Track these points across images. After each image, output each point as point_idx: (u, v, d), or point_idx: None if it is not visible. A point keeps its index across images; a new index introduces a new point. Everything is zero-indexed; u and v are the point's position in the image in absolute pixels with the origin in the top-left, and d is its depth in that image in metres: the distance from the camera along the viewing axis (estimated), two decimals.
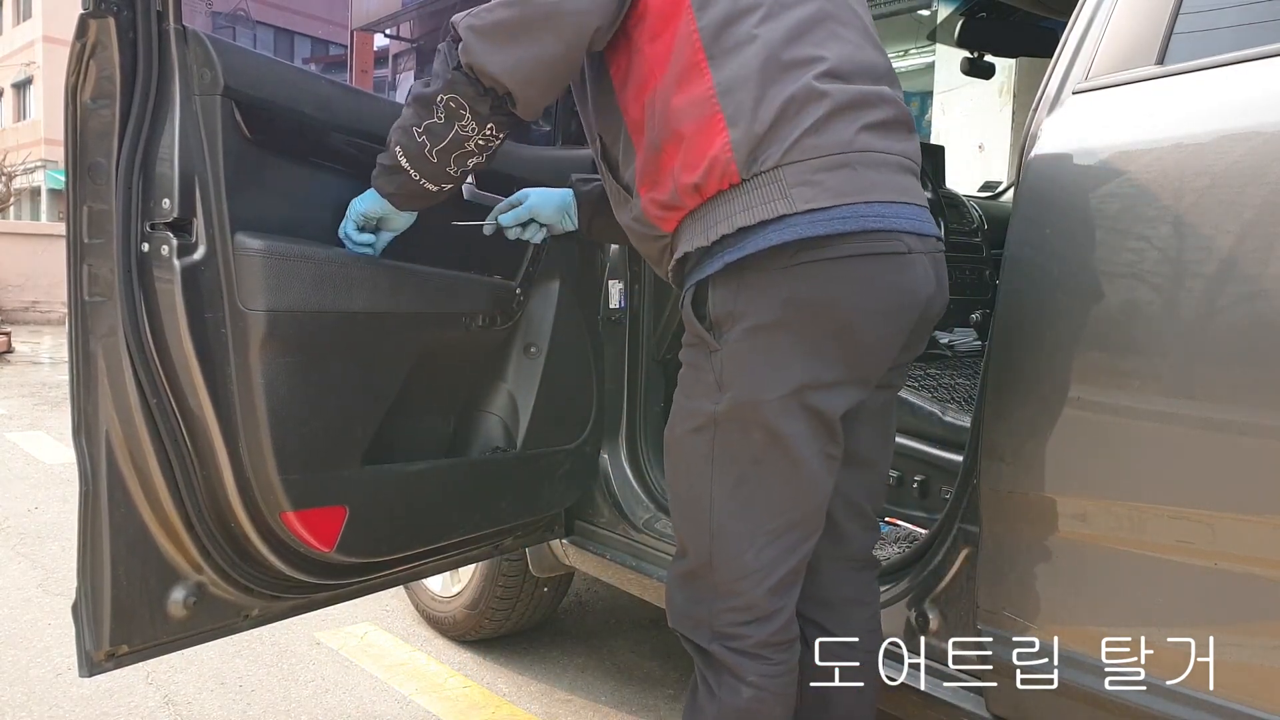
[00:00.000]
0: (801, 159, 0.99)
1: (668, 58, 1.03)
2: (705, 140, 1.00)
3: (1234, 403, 1.00)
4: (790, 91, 0.99)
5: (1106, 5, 1.16)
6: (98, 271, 1.13)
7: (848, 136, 1.01)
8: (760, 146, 0.99)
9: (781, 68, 1.00)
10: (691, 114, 1.01)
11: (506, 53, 1.03)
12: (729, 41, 1.01)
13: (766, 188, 0.99)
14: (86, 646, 1.17)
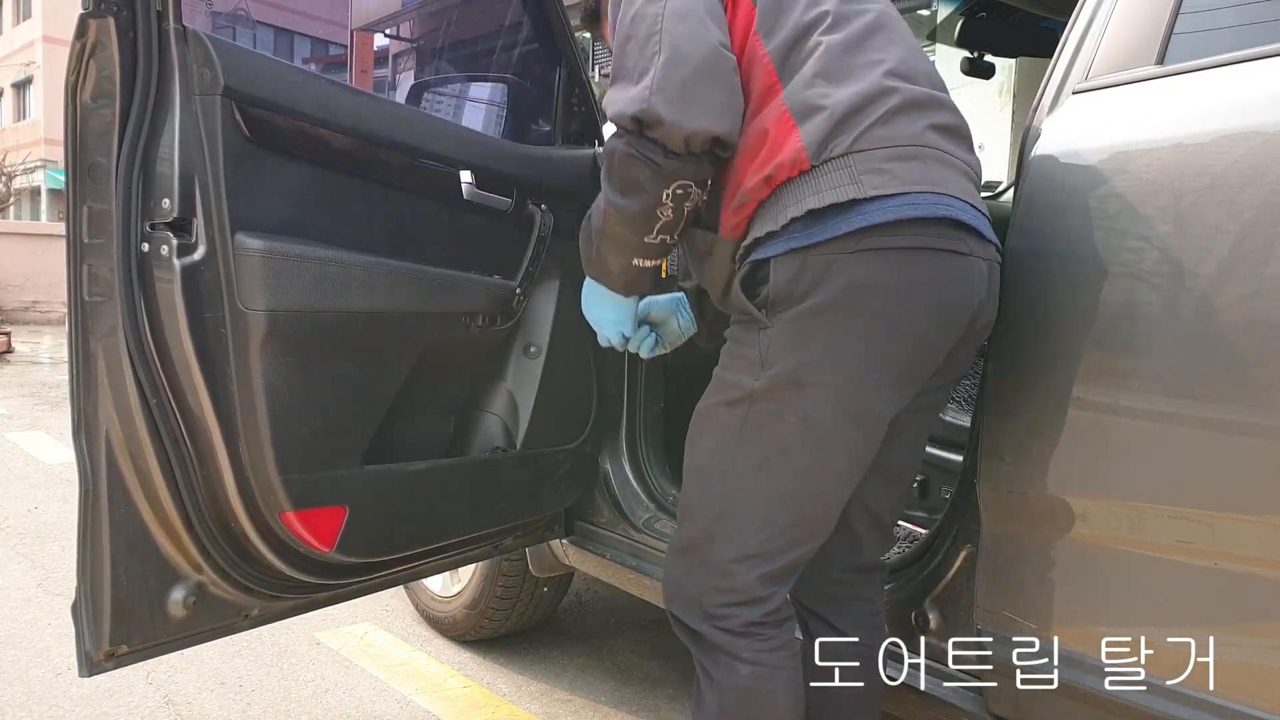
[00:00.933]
0: (872, 148, 1.01)
1: (744, 85, 1.06)
2: (777, 141, 1.03)
3: (1234, 403, 1.00)
4: (859, 87, 1.03)
5: (1106, 5, 1.16)
6: (98, 271, 1.13)
7: (916, 131, 1.04)
8: (831, 135, 1.01)
9: (848, 68, 1.04)
10: (763, 125, 1.04)
11: (708, 104, 1.02)
12: (797, 57, 1.05)
13: (836, 173, 1.01)
14: (86, 646, 1.17)
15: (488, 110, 2.16)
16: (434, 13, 3.49)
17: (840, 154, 1.01)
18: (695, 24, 1.03)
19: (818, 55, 1.04)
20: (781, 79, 1.04)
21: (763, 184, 1.03)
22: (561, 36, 1.72)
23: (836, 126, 1.01)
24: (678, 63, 1.01)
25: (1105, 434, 1.10)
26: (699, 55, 1.02)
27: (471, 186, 1.48)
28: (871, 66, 1.04)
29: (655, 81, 1.01)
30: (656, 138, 1.02)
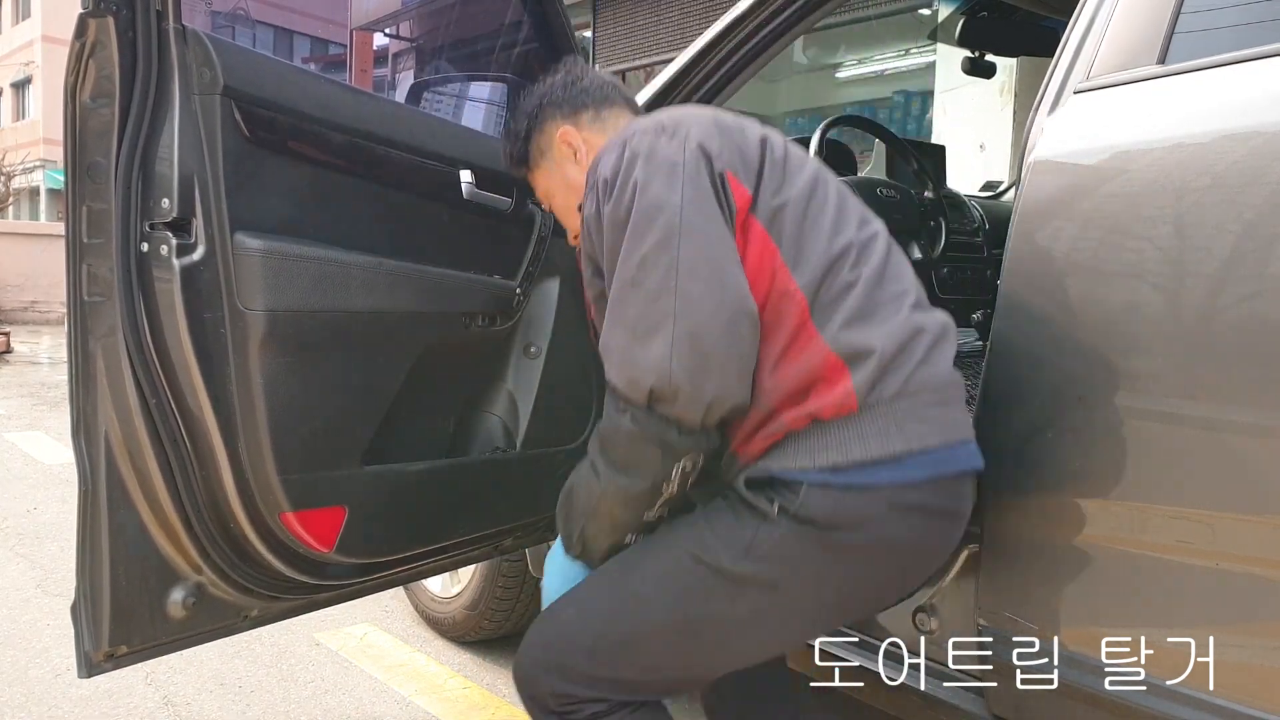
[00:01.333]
0: (917, 391, 1.01)
1: (770, 321, 1.02)
2: (824, 383, 1.00)
3: (1234, 403, 1.00)
4: (895, 328, 1.02)
5: (1108, 5, 1.16)
6: (97, 271, 1.13)
7: (946, 370, 1.06)
8: (879, 378, 1.00)
9: (879, 304, 1.03)
10: (806, 365, 1.00)
11: (728, 375, 0.98)
12: (829, 294, 1.02)
13: (883, 419, 1.00)
14: (85, 647, 1.17)
15: (488, 110, 2.16)
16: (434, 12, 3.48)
17: (889, 398, 1.00)
18: (712, 281, 0.97)
19: (854, 294, 1.02)
20: (814, 316, 1.01)
21: (804, 419, 1.00)
22: (561, 36, 1.71)
23: (884, 370, 1.00)
24: (697, 331, 0.96)
25: (1105, 434, 1.10)
26: (719, 322, 0.97)
27: (471, 186, 1.47)
28: (898, 300, 1.05)
29: (674, 352, 0.96)
30: (669, 414, 0.98)
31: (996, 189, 3.33)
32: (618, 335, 1.02)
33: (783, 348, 1.01)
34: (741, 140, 1.07)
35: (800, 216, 1.04)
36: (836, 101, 8.26)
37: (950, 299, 2.51)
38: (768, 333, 1.02)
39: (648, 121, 1.09)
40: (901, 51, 7.53)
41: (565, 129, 1.23)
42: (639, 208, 1.00)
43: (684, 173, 1.00)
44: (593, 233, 1.08)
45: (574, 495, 1.14)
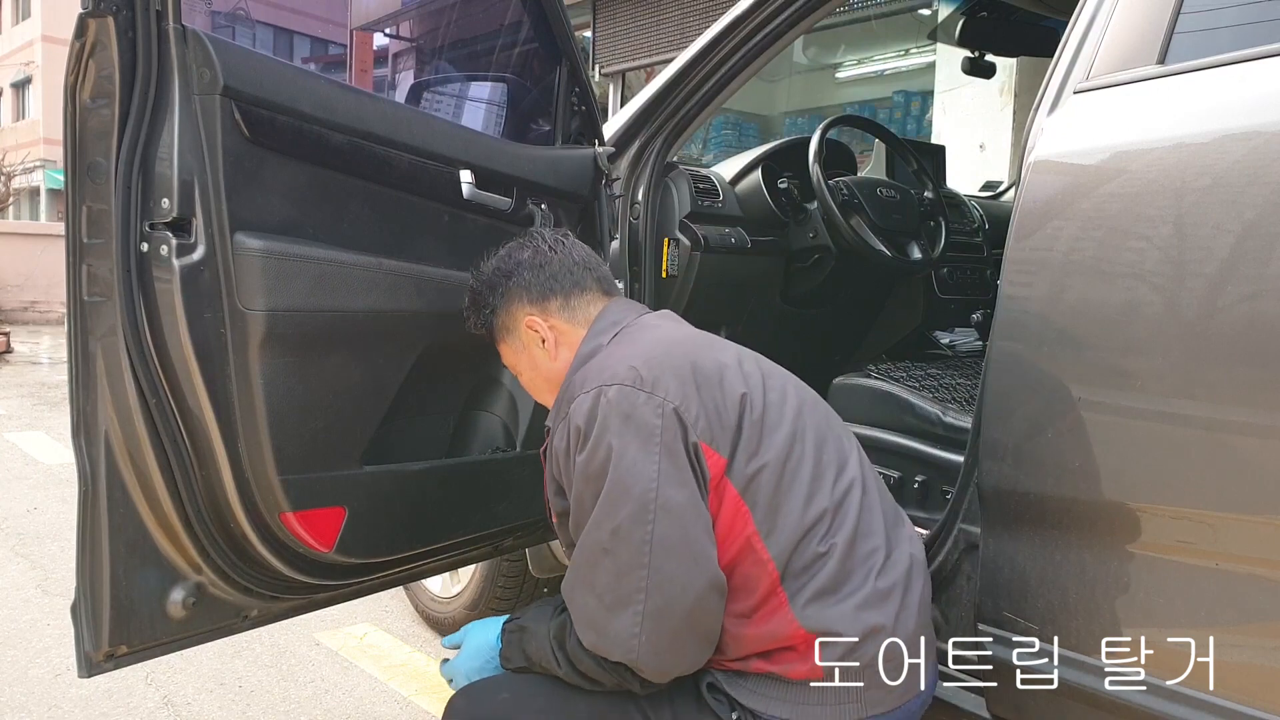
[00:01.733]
0: (886, 660, 1.03)
1: (739, 584, 1.03)
2: (795, 653, 1.02)
3: (1234, 403, 1.00)
4: (869, 602, 1.03)
5: (1108, 5, 1.16)
6: (97, 271, 1.13)
7: (914, 620, 1.07)
8: (849, 654, 1.02)
9: (851, 571, 1.04)
10: (777, 633, 1.02)
11: (696, 650, 1.02)
12: (800, 563, 1.03)
13: (846, 688, 1.02)
14: (86, 647, 1.17)
15: (488, 110, 2.16)
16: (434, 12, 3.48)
17: (856, 670, 1.02)
18: (685, 559, 0.99)
19: (827, 567, 1.03)
20: (784, 584, 1.02)
21: (768, 671, 1.03)
22: (561, 36, 1.71)
23: (857, 648, 1.02)
24: (667, 613, 0.98)
25: (1105, 434, 1.09)
26: (689, 599, 0.98)
27: (471, 186, 1.47)
28: (869, 561, 1.06)
29: (643, 629, 0.98)
30: (641, 676, 1.02)
31: (996, 189, 3.33)
32: (585, 597, 1.03)
33: (750, 609, 1.03)
34: (720, 399, 1.07)
35: (776, 481, 1.04)
36: (836, 101, 8.26)
37: (950, 299, 2.52)
38: (734, 594, 1.03)
39: (621, 364, 1.07)
40: (901, 51, 7.52)
41: (532, 318, 1.22)
42: (614, 476, 1.00)
43: (660, 442, 1.00)
44: (561, 466, 1.09)
45: (527, 642, 1.15)
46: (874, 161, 2.71)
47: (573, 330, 1.22)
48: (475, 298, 1.28)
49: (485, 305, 1.27)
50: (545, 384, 1.25)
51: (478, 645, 1.22)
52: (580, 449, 1.04)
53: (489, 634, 1.22)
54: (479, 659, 1.21)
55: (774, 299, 2.35)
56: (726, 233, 2.11)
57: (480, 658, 1.21)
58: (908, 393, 1.84)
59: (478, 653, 1.21)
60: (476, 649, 1.22)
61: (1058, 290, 1.13)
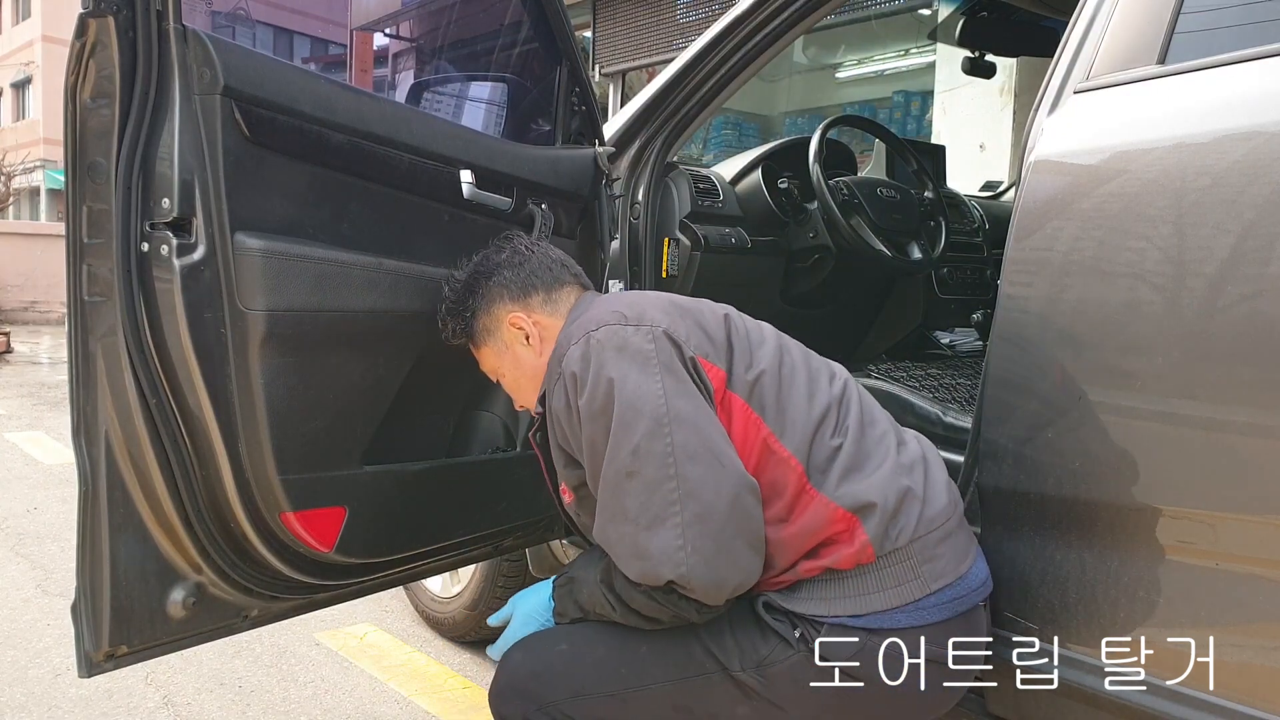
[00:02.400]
0: (927, 532, 1.05)
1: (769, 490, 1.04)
2: (838, 536, 1.03)
3: (1234, 403, 1.00)
4: (891, 474, 1.05)
5: (1108, 5, 1.16)
6: (97, 271, 1.13)
7: (943, 497, 1.09)
8: (891, 526, 1.03)
9: (869, 455, 1.07)
10: (816, 522, 1.03)
11: (744, 555, 1.00)
12: (820, 454, 1.05)
13: (899, 566, 1.03)
14: (86, 647, 1.17)
15: (488, 110, 2.16)
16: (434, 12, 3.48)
17: (904, 544, 1.03)
18: (710, 462, 0.99)
19: (844, 453, 1.05)
20: (811, 478, 1.04)
21: (819, 570, 1.03)
22: (561, 36, 1.71)
23: (893, 518, 1.03)
24: (707, 518, 0.97)
25: (1105, 434, 1.09)
26: (724, 504, 0.98)
27: (472, 186, 1.47)
28: (882, 443, 1.09)
29: (689, 541, 0.97)
30: (693, 597, 1.00)
31: (996, 189, 3.33)
32: (620, 527, 1.01)
33: (785, 510, 1.04)
34: (705, 322, 1.10)
35: (776, 384, 1.08)
36: (836, 101, 8.26)
37: (950, 299, 2.51)
38: (767, 501, 1.04)
39: (604, 311, 1.09)
40: (901, 51, 7.52)
41: (515, 315, 1.23)
42: (621, 400, 1.00)
43: (658, 361, 1.02)
44: (564, 426, 1.09)
45: (578, 591, 1.14)
46: (874, 161, 2.71)
47: (555, 323, 1.22)
48: (454, 304, 1.28)
49: (465, 309, 1.26)
50: (530, 382, 1.24)
51: (530, 609, 1.21)
52: (580, 394, 1.04)
53: (540, 596, 1.21)
54: (534, 623, 1.20)
55: (774, 299, 2.34)
56: (726, 233, 2.11)
57: (535, 621, 1.20)
58: (908, 393, 1.84)
59: (531, 617, 1.20)
60: (529, 614, 1.21)
61: (1058, 290, 1.13)
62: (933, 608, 1.04)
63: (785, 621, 1.04)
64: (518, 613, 1.22)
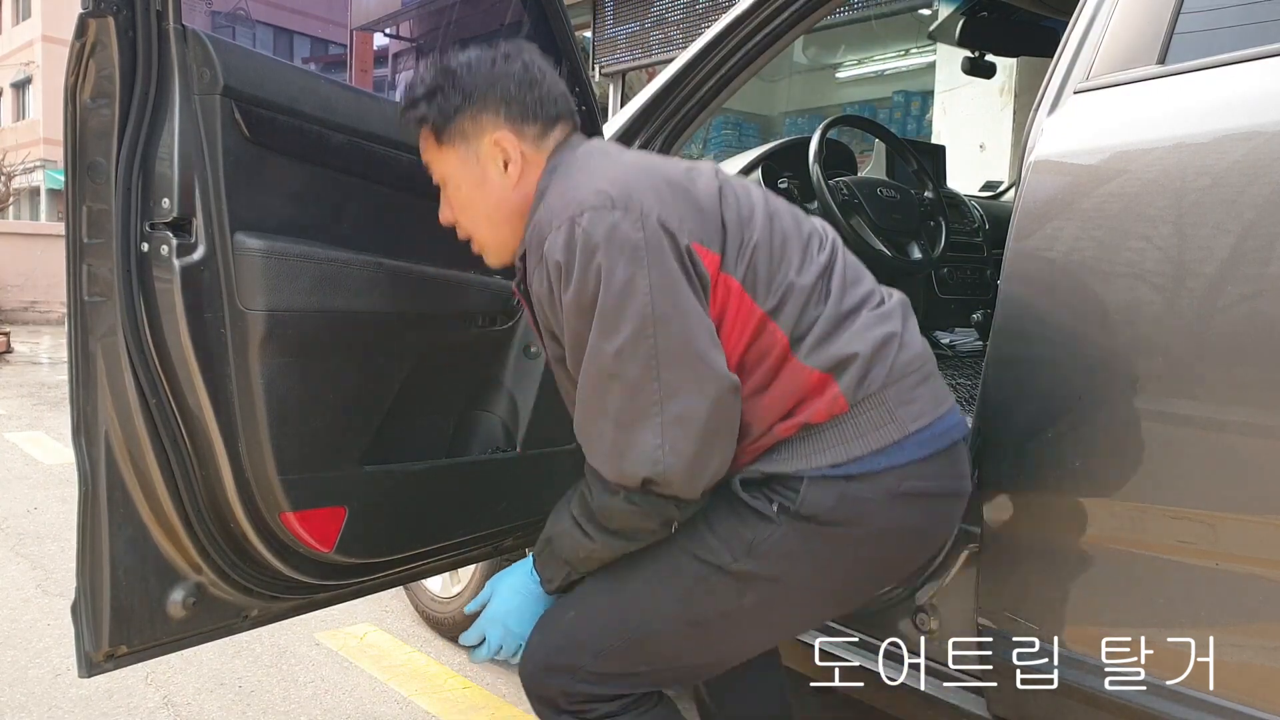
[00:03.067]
0: (901, 377, 1.03)
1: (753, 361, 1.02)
2: (811, 393, 1.01)
3: (1234, 403, 1.00)
4: (869, 330, 1.03)
5: (1107, 5, 1.16)
6: (97, 271, 1.13)
7: (919, 343, 1.07)
8: (865, 375, 1.01)
9: (849, 315, 1.04)
10: (792, 383, 1.01)
11: (722, 453, 0.99)
12: (803, 327, 1.02)
13: (874, 412, 1.01)
14: (86, 647, 1.17)
15: None
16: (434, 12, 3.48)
17: (878, 389, 1.02)
18: (694, 364, 0.97)
19: (824, 318, 1.03)
20: (794, 348, 1.02)
21: (795, 428, 1.02)
22: (561, 36, 1.72)
23: (869, 367, 1.01)
24: (687, 420, 0.96)
25: (1105, 434, 1.10)
26: (704, 408, 0.96)
27: None
28: (864, 302, 1.07)
29: (665, 439, 0.96)
30: (669, 495, 0.99)
31: (996, 189, 3.33)
32: (599, 425, 1.00)
33: (765, 380, 1.02)
34: (697, 197, 1.04)
35: (769, 258, 1.04)
36: (836, 101, 8.26)
37: (950, 299, 2.51)
38: (750, 370, 1.02)
39: (588, 190, 1.01)
40: (901, 51, 7.52)
41: (504, 135, 1.10)
42: (606, 297, 0.97)
43: (647, 255, 0.97)
44: (546, 310, 1.05)
45: (557, 546, 1.12)
46: (874, 161, 2.70)
47: (538, 159, 1.12)
48: (439, 85, 1.11)
49: (449, 103, 1.10)
50: (491, 213, 1.14)
51: (513, 585, 1.18)
52: (566, 286, 0.99)
53: (520, 571, 1.18)
54: (517, 596, 1.17)
55: None
56: None
57: (518, 594, 1.17)
58: None
59: (515, 591, 1.18)
60: (513, 588, 1.18)
61: (1058, 290, 1.13)
62: (912, 447, 1.02)
63: (762, 497, 1.02)
64: (499, 591, 1.19)
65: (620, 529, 1.04)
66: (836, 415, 1.01)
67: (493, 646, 1.18)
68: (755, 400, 1.02)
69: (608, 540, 1.06)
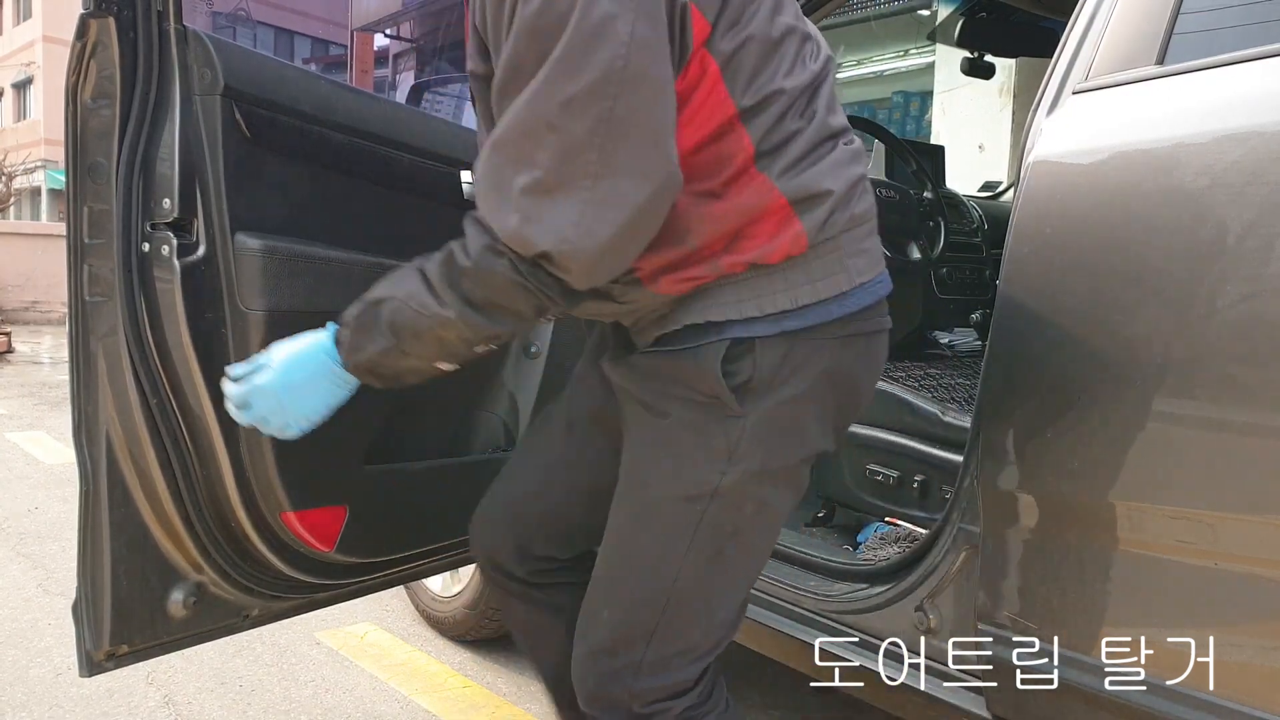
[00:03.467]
0: (859, 223, 0.99)
1: (709, 161, 0.92)
2: (772, 228, 0.92)
3: (1233, 403, 1.00)
4: (843, 167, 0.96)
5: (1107, 5, 1.16)
6: (98, 271, 1.13)
7: (872, 199, 1.03)
8: (829, 218, 0.94)
9: (824, 144, 0.96)
10: (750, 206, 0.92)
11: (636, 248, 0.89)
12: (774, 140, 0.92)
13: (828, 257, 0.96)
14: (86, 646, 1.17)
15: None
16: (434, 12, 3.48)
17: (836, 234, 0.96)
18: (645, 146, 0.83)
19: (802, 138, 0.93)
20: (759, 162, 0.91)
21: (743, 266, 0.93)
22: None
23: (836, 207, 0.95)
24: (615, 204, 0.83)
25: (1104, 434, 1.10)
26: (642, 194, 0.83)
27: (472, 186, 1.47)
28: (841, 134, 0.99)
29: (586, 222, 0.83)
30: (561, 277, 0.87)
31: (995, 189, 3.33)
32: (514, 178, 0.85)
33: (720, 187, 0.91)
34: None
35: (761, 49, 0.91)
36: None
37: (949, 299, 2.51)
38: (704, 173, 0.90)
39: None
40: (901, 52, 7.52)
41: None
42: (576, 32, 0.79)
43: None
44: (489, 12, 0.87)
45: (389, 312, 0.95)
46: (873, 162, 2.70)
47: None
48: None
49: None
50: None
51: (299, 356, 1.00)
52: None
53: (310, 342, 1.01)
54: (303, 370, 1.00)
55: None
56: None
57: (305, 368, 1.00)
58: (907, 392, 1.84)
59: (301, 364, 1.00)
60: (299, 360, 1.00)
61: (1057, 290, 1.13)
62: (856, 298, 0.97)
63: (724, 390, 0.93)
64: (280, 361, 1.00)
65: (485, 301, 0.90)
66: (792, 257, 0.93)
67: (256, 416, 1.01)
68: (702, 205, 0.90)
69: (463, 313, 0.91)
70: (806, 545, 1.65)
